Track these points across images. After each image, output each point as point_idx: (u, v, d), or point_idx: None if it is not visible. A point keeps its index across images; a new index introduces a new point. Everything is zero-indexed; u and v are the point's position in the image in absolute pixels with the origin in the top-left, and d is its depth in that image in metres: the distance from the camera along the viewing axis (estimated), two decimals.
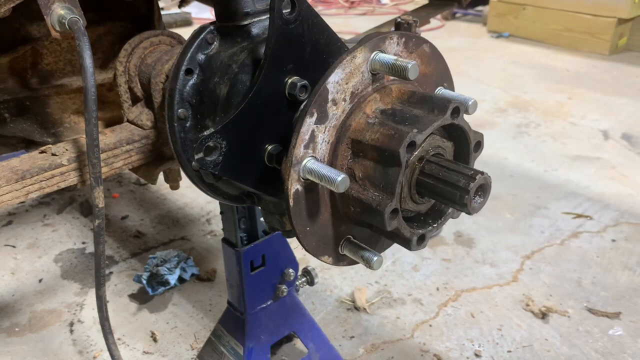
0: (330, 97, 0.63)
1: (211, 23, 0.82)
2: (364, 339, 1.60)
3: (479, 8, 5.44)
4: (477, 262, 1.90)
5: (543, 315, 1.64)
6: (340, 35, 0.75)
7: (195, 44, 0.80)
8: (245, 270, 1.23)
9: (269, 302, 1.31)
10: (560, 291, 1.76)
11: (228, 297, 1.32)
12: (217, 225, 2.17)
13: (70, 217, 2.27)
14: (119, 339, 1.62)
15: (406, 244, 0.67)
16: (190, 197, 2.37)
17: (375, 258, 0.67)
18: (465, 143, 0.70)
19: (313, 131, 0.63)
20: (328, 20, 0.72)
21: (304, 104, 0.65)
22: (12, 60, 1.17)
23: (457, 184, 0.62)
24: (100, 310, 1.05)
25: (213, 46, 0.82)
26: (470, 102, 0.67)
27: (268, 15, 0.76)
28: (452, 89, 0.77)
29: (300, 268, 1.38)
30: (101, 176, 0.91)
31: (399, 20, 0.71)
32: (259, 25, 0.81)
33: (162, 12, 1.31)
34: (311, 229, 0.67)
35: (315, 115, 0.62)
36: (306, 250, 0.69)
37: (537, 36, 4.53)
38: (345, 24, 5.24)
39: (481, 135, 0.71)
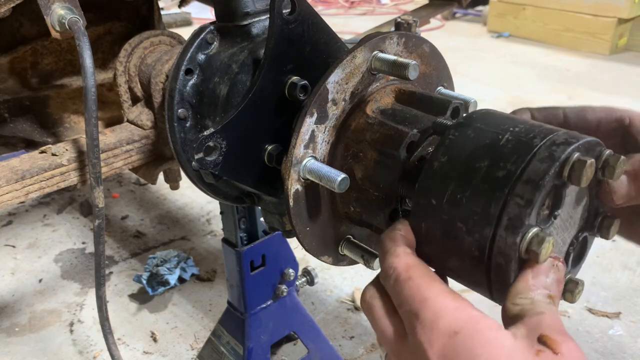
0: (330, 97, 0.63)
1: (211, 23, 0.82)
2: (364, 339, 1.60)
3: (479, 8, 5.43)
4: None
5: None
6: (340, 35, 0.75)
7: (195, 43, 0.80)
8: (245, 270, 1.23)
9: (269, 302, 1.31)
10: None
11: (228, 297, 1.33)
12: (217, 225, 2.17)
13: (70, 217, 2.27)
14: (119, 339, 1.62)
15: None
16: (190, 197, 2.37)
17: (375, 258, 0.67)
18: None
19: (313, 131, 0.63)
20: (328, 20, 0.72)
21: (303, 104, 0.65)
22: (12, 60, 1.17)
23: None
24: (100, 310, 1.05)
25: (213, 46, 0.82)
26: (470, 102, 0.67)
27: (268, 15, 0.76)
28: (452, 89, 0.76)
29: (300, 268, 1.38)
30: (101, 176, 0.91)
31: (399, 20, 0.71)
32: (259, 25, 0.81)
33: (162, 12, 1.31)
34: (311, 229, 0.67)
35: (315, 115, 0.62)
36: (306, 250, 0.69)
37: (537, 36, 4.53)
38: (345, 24, 5.24)
39: None
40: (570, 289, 0.55)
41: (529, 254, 0.48)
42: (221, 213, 1.23)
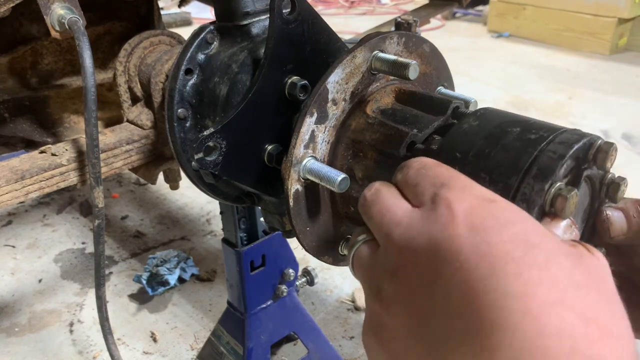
0: (330, 97, 0.63)
1: (211, 23, 0.82)
2: None
3: (479, 8, 5.43)
4: None
5: None
6: (340, 35, 0.75)
7: (195, 43, 0.80)
8: (245, 270, 1.23)
9: (269, 302, 1.31)
10: None
11: (228, 297, 1.32)
12: (217, 225, 2.17)
13: (70, 217, 2.27)
14: (118, 339, 1.62)
15: None
16: (190, 197, 2.37)
17: None
18: None
19: (313, 131, 0.63)
20: (328, 20, 0.72)
21: (303, 103, 0.65)
22: (11, 60, 1.17)
23: None
24: (100, 310, 1.05)
25: (213, 46, 0.82)
26: (470, 102, 0.67)
27: (268, 15, 0.76)
28: (452, 88, 0.76)
29: (300, 268, 1.37)
30: (101, 176, 0.91)
31: (399, 20, 0.71)
32: (259, 25, 0.81)
33: (162, 12, 1.31)
34: (311, 229, 0.67)
35: (315, 115, 0.62)
36: (306, 250, 0.69)
37: (537, 36, 4.53)
38: (345, 24, 5.24)
39: None
40: None
41: (555, 204, 0.47)
42: (221, 213, 1.23)
